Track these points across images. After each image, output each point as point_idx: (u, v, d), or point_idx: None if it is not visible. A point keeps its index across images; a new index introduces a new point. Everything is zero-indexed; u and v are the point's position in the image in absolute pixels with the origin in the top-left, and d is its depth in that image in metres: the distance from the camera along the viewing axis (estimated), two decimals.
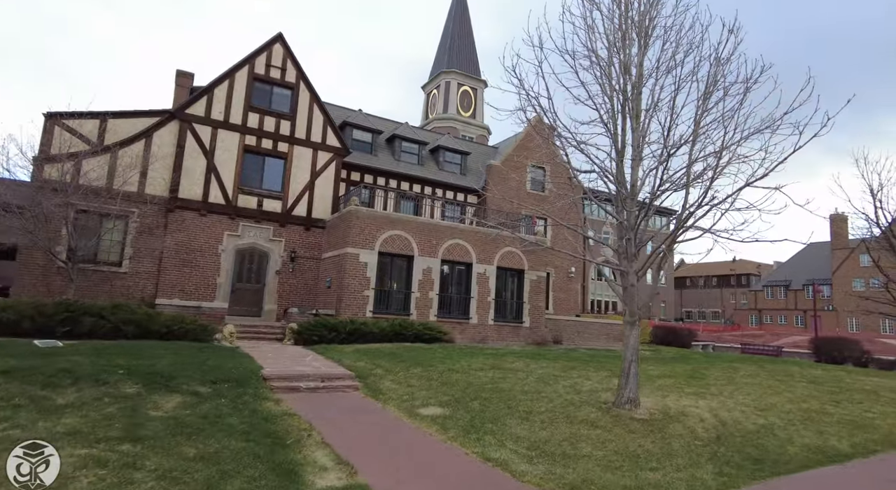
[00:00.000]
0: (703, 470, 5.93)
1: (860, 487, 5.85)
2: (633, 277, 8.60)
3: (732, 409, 9.22)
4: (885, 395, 12.37)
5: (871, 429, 8.97)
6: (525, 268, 19.11)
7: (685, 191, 8.38)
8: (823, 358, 21.75)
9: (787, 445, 7.41)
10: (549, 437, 6.66)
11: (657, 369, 13.57)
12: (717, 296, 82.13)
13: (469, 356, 12.54)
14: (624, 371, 8.45)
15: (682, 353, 19.73)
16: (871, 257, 13.88)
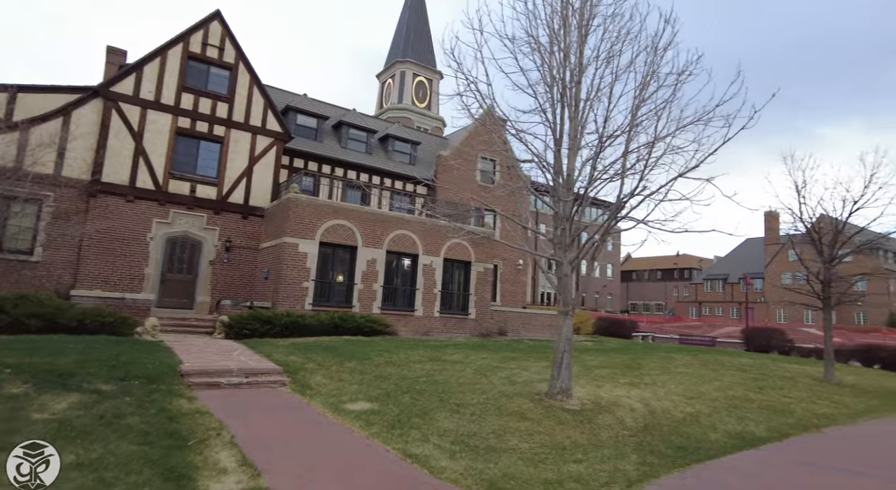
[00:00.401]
0: (627, 460, 5.92)
1: (770, 470, 5.99)
2: (567, 268, 8.56)
3: (663, 399, 9.40)
4: (802, 380, 13.03)
5: (788, 414, 9.36)
6: (472, 259, 19.01)
7: (620, 181, 8.39)
8: (753, 347, 22.90)
9: (709, 433, 7.57)
10: (477, 431, 6.50)
11: (596, 359, 13.79)
12: (662, 289, 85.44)
13: (409, 349, 12.29)
14: (557, 362, 8.41)
15: (623, 343, 20.23)
16: (795, 252, 14.56)
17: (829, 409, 10.20)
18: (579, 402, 8.28)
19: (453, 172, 23.02)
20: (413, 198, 22.80)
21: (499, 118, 8.98)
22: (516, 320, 21.11)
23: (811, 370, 14.68)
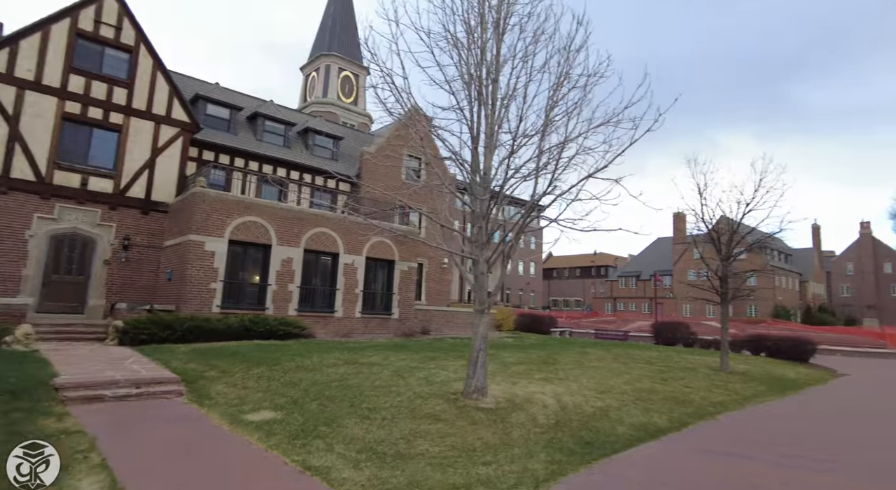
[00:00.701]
0: (536, 459, 5.91)
1: (668, 460, 6.24)
2: (483, 266, 8.51)
3: (575, 394, 9.61)
4: (702, 370, 13.95)
5: (687, 403, 9.91)
6: (396, 258, 18.70)
7: (534, 180, 8.45)
8: (661, 340, 24.38)
9: (617, 426, 7.79)
10: (386, 436, 6.24)
11: (514, 356, 13.97)
12: (581, 286, 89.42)
13: (325, 352, 11.78)
14: (472, 360, 8.33)
15: (542, 339, 20.79)
16: (697, 251, 15.58)
17: (722, 396, 10.94)
18: (494, 401, 8.25)
19: (378, 169, 22.56)
20: (335, 195, 22.11)
21: (416, 113, 8.76)
22: (440, 319, 21.07)
23: (710, 360, 15.77)
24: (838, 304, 67.37)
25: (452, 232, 9.49)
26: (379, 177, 22.02)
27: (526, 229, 8.73)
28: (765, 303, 54.29)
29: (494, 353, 14.19)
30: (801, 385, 14.08)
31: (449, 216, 10.04)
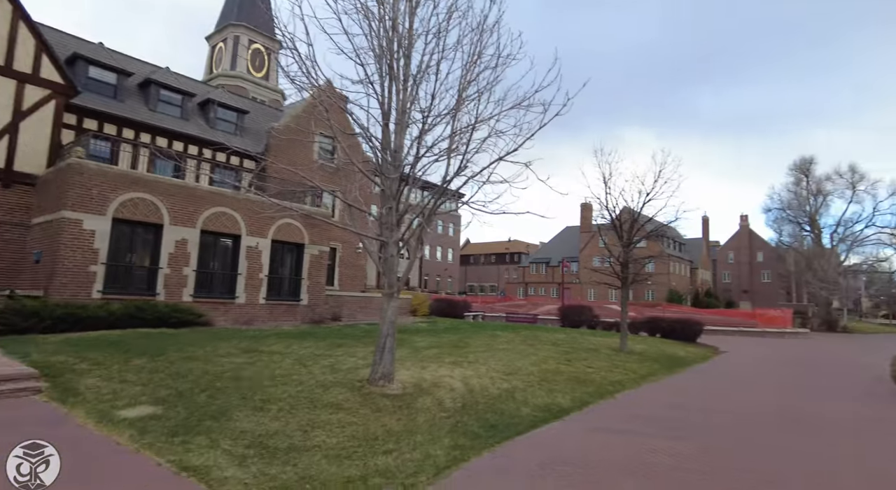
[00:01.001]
0: (440, 445, 5.75)
1: (569, 439, 6.37)
2: (393, 248, 8.20)
3: (483, 376, 9.65)
4: (603, 351, 14.68)
5: (589, 383, 10.33)
6: (306, 242, 17.83)
7: (447, 161, 8.24)
8: (567, 323, 25.55)
9: (522, 407, 7.88)
10: (281, 429, 5.79)
11: (426, 340, 13.86)
12: (496, 272, 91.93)
13: (221, 340, 10.94)
14: (379, 346, 8.04)
15: (456, 323, 20.93)
16: (602, 239, 16.33)
17: (621, 376, 11.54)
18: (401, 387, 8.03)
19: (287, 147, 21.33)
20: (239, 173, 20.65)
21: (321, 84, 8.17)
22: (353, 305, 20.50)
23: (611, 341, 16.67)
24: (721, 289, 74.84)
25: (362, 213, 9.06)
26: (288, 155, 20.83)
27: (437, 212, 8.51)
28: (661, 287, 58.99)
29: (406, 338, 14.00)
30: (689, 362, 15.28)
31: (359, 196, 9.58)
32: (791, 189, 57.00)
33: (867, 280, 63.34)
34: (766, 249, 72.04)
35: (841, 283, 48.64)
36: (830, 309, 48.90)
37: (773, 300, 63.72)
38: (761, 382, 11.99)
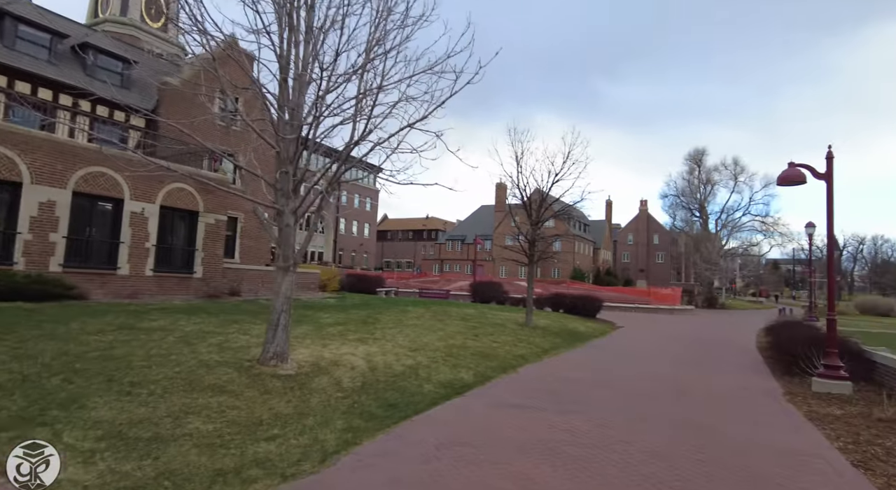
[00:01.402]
0: (331, 428, 5.36)
1: (467, 416, 6.25)
2: (290, 217, 7.53)
3: (388, 353, 9.35)
4: (509, 326, 14.97)
5: (493, 357, 10.39)
6: (201, 209, 16.33)
7: (352, 125, 7.64)
8: (478, 298, 26.00)
9: (425, 384, 7.68)
10: (148, 416, 5.09)
11: (333, 316, 13.29)
12: (412, 248, 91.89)
13: (93, 316, 9.67)
14: (272, 323, 7.42)
15: (367, 299, 20.44)
16: (513, 218, 16.51)
17: (525, 350, 11.77)
18: (296, 366, 7.50)
19: (183, 105, 19.25)
20: (126, 130, 18.40)
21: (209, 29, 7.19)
22: (256, 279, 19.27)
23: (517, 317, 17.07)
24: (620, 268, 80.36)
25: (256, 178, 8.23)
26: (184, 114, 18.81)
27: (342, 180, 7.93)
28: (566, 265, 62.09)
29: (311, 315, 13.34)
30: (588, 337, 16.03)
31: (254, 160, 8.72)
32: (685, 177, 61.99)
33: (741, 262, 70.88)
34: (662, 232, 78.17)
35: (721, 265, 53.98)
36: (712, 288, 54.23)
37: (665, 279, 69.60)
38: (652, 357, 12.80)
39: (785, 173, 8.43)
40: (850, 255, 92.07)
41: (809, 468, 4.85)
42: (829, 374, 7.98)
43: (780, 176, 8.49)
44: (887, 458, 5.03)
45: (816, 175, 8.34)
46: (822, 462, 5.02)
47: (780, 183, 8.49)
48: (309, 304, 16.16)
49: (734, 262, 66.79)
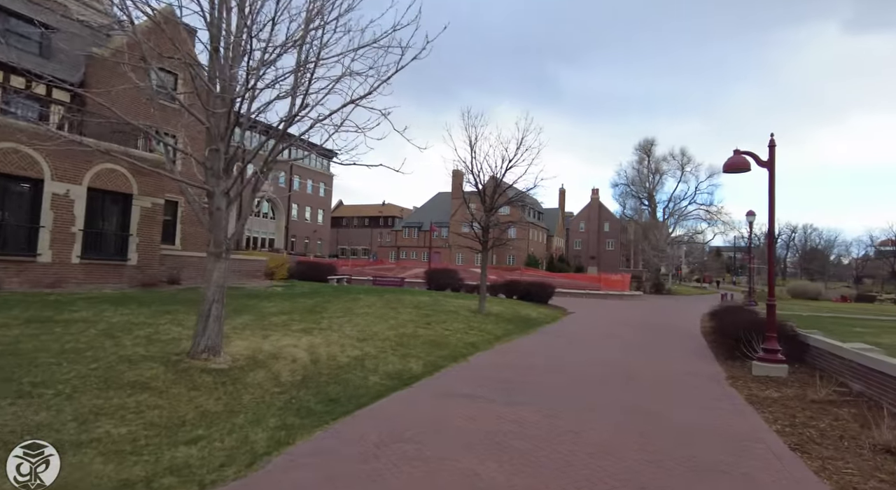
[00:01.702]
0: (263, 427, 4.97)
1: (411, 409, 5.99)
2: (221, 199, 6.97)
3: (334, 343, 8.94)
4: (462, 313, 14.81)
5: (444, 346, 10.17)
6: (134, 192, 15.21)
7: (291, 100, 7.10)
8: (434, 286, 25.77)
9: (370, 376, 7.35)
10: (51, 420, 4.54)
11: (278, 306, 12.71)
12: (368, 235, 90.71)
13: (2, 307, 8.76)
14: (203, 314, 6.88)
15: (317, 287, 19.82)
16: (467, 205, 16.29)
17: (476, 337, 11.62)
18: (230, 360, 7.00)
19: (113, 78, 17.82)
20: (47, 105, 16.89)
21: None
22: (196, 266, 18.25)
23: (471, 304, 16.94)
24: (573, 255, 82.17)
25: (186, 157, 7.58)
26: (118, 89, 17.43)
27: (280, 160, 7.39)
28: (521, 252, 62.87)
29: (254, 304, 12.72)
30: (540, 323, 16.11)
31: (185, 138, 8.04)
32: (635, 167, 63.79)
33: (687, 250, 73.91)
34: (612, 220, 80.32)
35: (668, 252, 56.04)
36: (659, 274, 56.28)
37: (615, 266, 71.70)
38: (602, 342, 12.94)
39: (731, 161, 8.53)
40: (783, 242, 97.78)
41: (751, 453, 4.86)
42: (768, 357, 8.21)
43: (726, 163, 8.60)
44: (821, 441, 5.13)
45: (760, 162, 8.49)
46: (762, 446, 5.05)
47: (726, 170, 8.60)
48: (254, 293, 15.46)
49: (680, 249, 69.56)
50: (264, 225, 66.55)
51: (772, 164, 8.37)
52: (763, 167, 8.45)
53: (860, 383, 7.16)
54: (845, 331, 14.53)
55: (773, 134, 8.39)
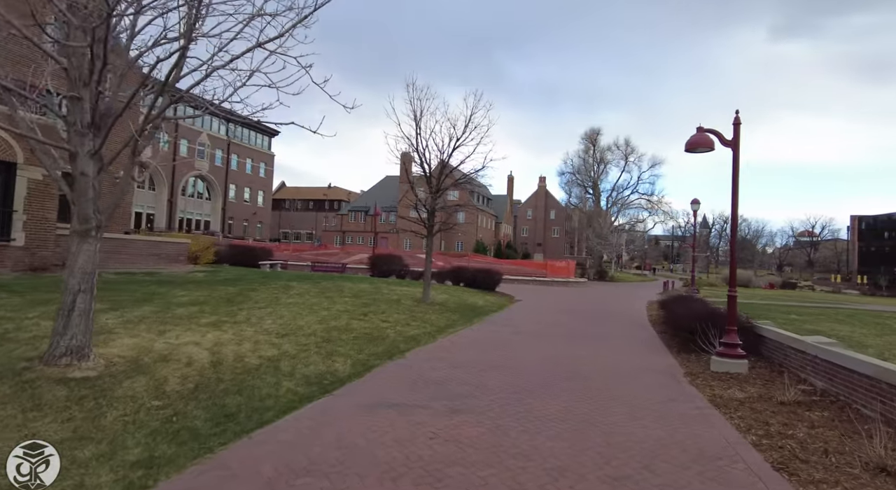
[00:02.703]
0: (118, 461, 3.70)
1: (330, 424, 4.86)
2: (87, 163, 5.50)
3: (247, 340, 7.64)
4: (405, 302, 13.73)
5: (381, 340, 9.06)
6: (19, 160, 12.99)
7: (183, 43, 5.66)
8: (377, 272, 24.49)
9: (284, 381, 6.14)
10: None
11: (191, 295, 11.14)
12: (313, 218, 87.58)
13: None
14: (64, 308, 5.43)
15: (246, 273, 18.12)
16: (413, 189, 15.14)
17: (417, 329, 10.57)
18: (103, 364, 5.60)
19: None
20: None
21: None
22: (113, 248, 16.17)
23: (415, 292, 15.88)
24: (520, 242, 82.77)
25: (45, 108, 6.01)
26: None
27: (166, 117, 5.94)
28: (469, 238, 62.39)
29: (164, 292, 11.09)
30: (487, 312, 15.28)
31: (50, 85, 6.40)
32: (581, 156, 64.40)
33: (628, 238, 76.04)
34: (558, 208, 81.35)
35: (611, 240, 57.11)
36: (602, 262, 57.35)
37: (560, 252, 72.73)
38: (549, 332, 12.21)
39: (694, 139, 7.84)
40: (716, 232, 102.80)
41: (730, 477, 4.08)
42: (728, 352, 7.64)
43: (688, 141, 7.90)
44: (806, 456, 4.44)
45: (724, 141, 7.84)
46: (741, 466, 4.30)
47: (688, 148, 7.91)
48: (168, 280, 13.70)
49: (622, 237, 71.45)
50: (199, 206, 62.51)
51: (736, 143, 7.74)
52: (727, 146, 7.81)
53: (823, 380, 6.68)
54: (782, 318, 14.57)
55: (738, 111, 7.76)
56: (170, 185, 55.73)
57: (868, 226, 79.68)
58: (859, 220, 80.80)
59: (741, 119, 7.76)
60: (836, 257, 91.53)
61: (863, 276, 72.44)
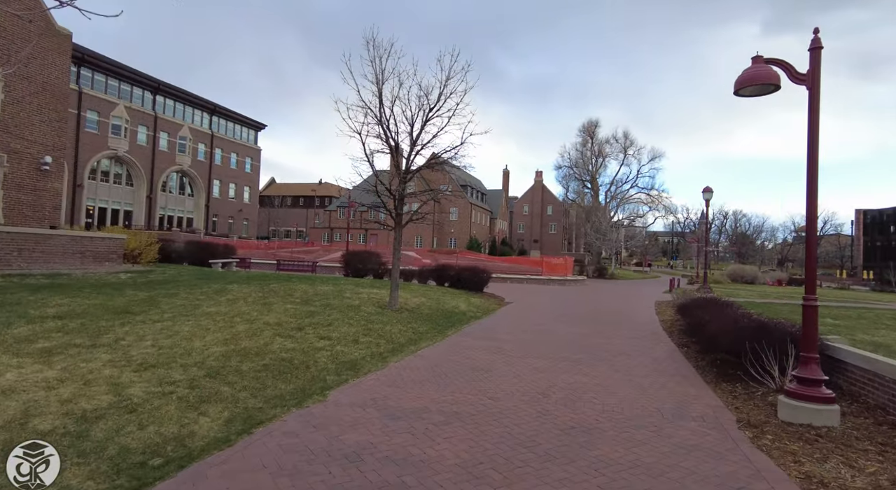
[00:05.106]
0: None
1: None
2: None
3: (75, 380, 5.05)
4: (365, 309, 11.12)
5: (300, 371, 6.42)
6: None
7: None
8: (351, 271, 21.87)
9: (75, 467, 3.53)
10: None
11: (74, 303, 8.53)
12: (303, 215, 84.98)
13: None
14: None
15: (185, 273, 15.44)
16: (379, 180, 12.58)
17: (363, 350, 7.94)
18: None
19: None
20: None
21: None
22: (25, 246, 13.52)
23: (384, 295, 13.28)
24: (516, 238, 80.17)
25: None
26: None
27: None
28: (462, 235, 59.81)
29: (35, 300, 8.49)
30: (467, 319, 12.67)
31: None
32: (578, 149, 61.90)
33: (628, 234, 73.62)
34: (555, 203, 78.75)
35: (610, 236, 54.61)
36: (601, 258, 54.85)
37: (557, 249, 70.19)
38: (541, 349, 9.54)
39: (750, 72, 5.23)
40: (716, 228, 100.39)
41: None
42: (807, 392, 4.98)
43: (741, 77, 5.29)
44: None
45: (795, 76, 5.24)
46: None
47: (738, 86, 5.31)
48: (66, 283, 11.06)
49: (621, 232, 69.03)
50: (181, 203, 59.58)
51: (815, 77, 5.15)
52: (799, 83, 5.22)
53: None
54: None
55: (818, 29, 5.18)
56: (149, 181, 52.80)
57: (873, 220, 77.26)
58: (864, 213, 78.38)
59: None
60: (839, 252, 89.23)
61: (868, 271, 70.05)
